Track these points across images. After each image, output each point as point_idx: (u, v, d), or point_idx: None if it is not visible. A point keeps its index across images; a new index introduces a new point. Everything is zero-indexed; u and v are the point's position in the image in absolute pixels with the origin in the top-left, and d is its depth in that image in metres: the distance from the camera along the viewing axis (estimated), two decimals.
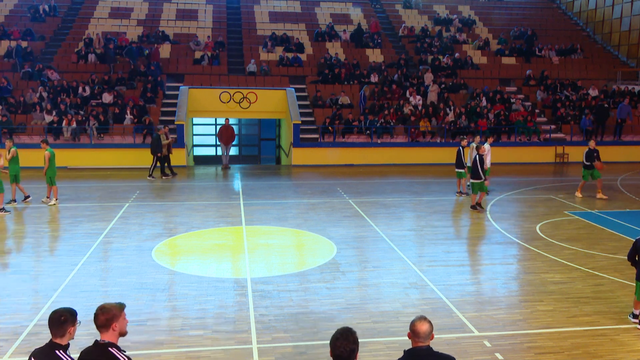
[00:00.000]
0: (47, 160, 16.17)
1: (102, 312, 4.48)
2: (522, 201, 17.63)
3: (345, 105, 26.21)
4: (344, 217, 15.17)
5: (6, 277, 10.49)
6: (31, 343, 7.85)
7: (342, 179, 21.12)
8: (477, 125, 25.44)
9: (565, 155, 25.95)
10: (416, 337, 4.51)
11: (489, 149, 17.93)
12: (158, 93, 25.84)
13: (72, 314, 4.53)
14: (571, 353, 7.79)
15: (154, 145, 20.77)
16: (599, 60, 32.92)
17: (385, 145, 24.98)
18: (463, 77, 29.09)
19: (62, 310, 4.52)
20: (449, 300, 9.53)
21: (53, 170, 16.29)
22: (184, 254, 12.28)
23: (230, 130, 24.12)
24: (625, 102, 27.01)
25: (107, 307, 4.52)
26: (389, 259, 11.69)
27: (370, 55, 30.37)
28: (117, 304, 4.61)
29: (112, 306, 4.54)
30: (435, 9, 36.02)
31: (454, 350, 7.67)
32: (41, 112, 23.54)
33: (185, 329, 8.36)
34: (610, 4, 34.78)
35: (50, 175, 16.24)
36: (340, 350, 4.14)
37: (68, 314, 4.51)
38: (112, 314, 4.48)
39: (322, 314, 8.91)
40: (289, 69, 28.54)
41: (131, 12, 32.29)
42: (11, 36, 28.09)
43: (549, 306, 9.34)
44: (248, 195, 17.98)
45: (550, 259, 11.80)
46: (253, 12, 33.51)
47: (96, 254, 11.89)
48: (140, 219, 14.81)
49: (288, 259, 11.82)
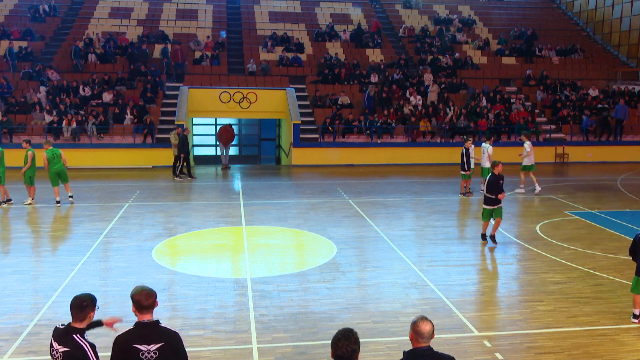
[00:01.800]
0: (30, 160, 16.08)
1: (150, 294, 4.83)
2: (522, 201, 17.63)
3: (345, 105, 26.22)
4: (344, 217, 15.17)
5: (6, 277, 10.48)
6: (31, 343, 7.86)
7: (342, 179, 21.12)
8: (477, 125, 25.44)
9: (565, 155, 25.95)
10: (420, 337, 4.51)
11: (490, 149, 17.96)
12: (158, 93, 25.85)
13: (93, 300, 4.85)
14: (571, 353, 7.79)
15: (181, 146, 20.70)
16: (599, 60, 32.92)
17: (385, 145, 24.98)
18: (463, 77, 29.10)
19: (84, 296, 4.84)
20: (449, 300, 9.53)
21: (33, 171, 16.21)
22: (184, 254, 12.28)
23: (231, 131, 24.16)
24: (621, 102, 27.07)
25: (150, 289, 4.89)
26: (389, 259, 11.69)
27: (370, 55, 30.37)
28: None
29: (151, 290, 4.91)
30: (435, 9, 36.02)
31: (454, 350, 7.67)
32: (41, 112, 23.54)
33: (185, 329, 8.36)
34: (610, 4, 34.78)
35: (30, 175, 16.14)
36: (342, 351, 4.15)
37: (89, 299, 4.82)
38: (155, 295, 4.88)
39: (322, 314, 8.91)
40: (289, 69, 28.54)
41: (131, 12, 32.29)
42: (11, 36, 28.09)
43: (549, 306, 9.34)
44: (248, 195, 17.98)
45: (550, 259, 11.80)
46: (253, 12, 33.51)
47: (96, 254, 11.89)
48: (140, 219, 14.81)
49: (288, 259, 11.83)
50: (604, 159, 26.38)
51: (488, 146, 17.88)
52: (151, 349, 4.62)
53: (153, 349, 4.62)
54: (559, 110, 27.47)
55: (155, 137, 23.80)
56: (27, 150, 16.22)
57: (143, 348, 4.61)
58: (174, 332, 4.81)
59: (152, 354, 4.62)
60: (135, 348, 4.61)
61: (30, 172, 16.15)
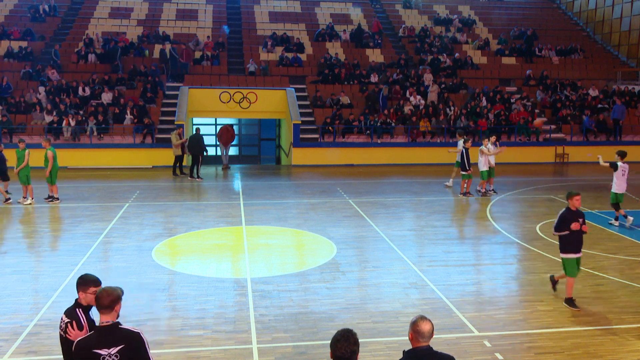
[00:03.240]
0: (28, 159, 16.14)
1: (107, 294, 4.72)
2: (522, 201, 17.62)
3: (345, 105, 26.22)
4: (344, 217, 15.17)
5: (6, 277, 10.48)
6: (31, 343, 7.86)
7: (342, 179, 21.12)
8: (477, 125, 25.44)
9: (565, 155, 25.95)
10: (420, 337, 4.50)
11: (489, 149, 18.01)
12: (158, 93, 25.85)
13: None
14: (571, 353, 7.79)
15: (195, 145, 20.66)
16: (599, 60, 32.92)
17: (385, 145, 24.99)
18: (463, 77, 29.10)
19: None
20: (449, 300, 9.53)
21: (28, 169, 16.25)
22: (184, 254, 12.28)
23: (231, 131, 24.15)
24: (617, 102, 27.08)
25: (111, 289, 4.79)
26: (389, 259, 11.69)
27: (370, 55, 30.38)
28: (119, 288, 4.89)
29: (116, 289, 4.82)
30: (435, 9, 36.03)
31: (454, 350, 7.66)
32: (41, 112, 23.54)
33: (185, 329, 8.36)
34: (610, 4, 34.78)
35: (26, 174, 16.19)
36: (341, 352, 4.14)
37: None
38: (116, 295, 4.76)
39: (322, 314, 8.91)
40: (289, 69, 28.54)
41: (131, 12, 32.30)
42: (11, 36, 28.09)
43: (549, 306, 9.34)
44: (248, 195, 17.98)
45: (550, 259, 11.80)
46: (253, 12, 33.51)
47: (96, 254, 11.89)
48: (140, 219, 14.81)
49: (288, 259, 11.82)
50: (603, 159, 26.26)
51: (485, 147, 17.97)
52: (112, 352, 4.54)
53: (114, 352, 4.54)
54: (559, 110, 27.48)
55: (155, 137, 23.80)
56: (23, 149, 16.26)
57: (103, 352, 4.52)
58: (136, 332, 4.68)
59: (113, 357, 4.53)
60: (96, 353, 4.52)
61: (27, 170, 16.20)
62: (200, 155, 20.79)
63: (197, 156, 20.80)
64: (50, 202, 16.49)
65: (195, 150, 20.73)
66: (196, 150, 20.72)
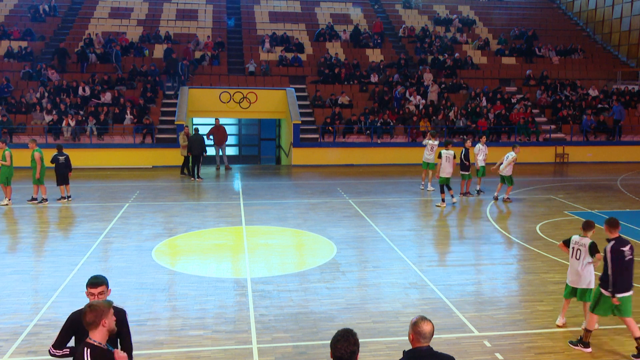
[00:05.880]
0: (9, 160, 16.06)
1: (90, 310, 4.48)
2: (522, 201, 17.62)
3: (345, 105, 26.22)
4: (344, 217, 15.17)
5: (6, 277, 10.48)
6: (31, 343, 7.86)
7: (342, 179, 21.12)
8: (477, 125, 25.44)
9: (565, 155, 25.95)
10: (421, 337, 4.50)
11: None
12: (158, 93, 25.84)
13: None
14: (571, 353, 7.79)
15: (197, 145, 20.66)
16: (599, 60, 32.92)
17: (385, 145, 24.98)
18: (463, 77, 29.09)
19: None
20: (449, 300, 9.53)
21: (11, 171, 16.19)
22: (184, 254, 12.28)
23: (222, 129, 23.62)
24: (615, 103, 27.08)
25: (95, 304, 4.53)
26: (389, 259, 11.69)
27: (370, 55, 30.37)
28: (105, 301, 4.63)
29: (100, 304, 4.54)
30: (435, 9, 36.03)
31: (454, 350, 7.67)
32: (41, 112, 23.54)
33: (185, 329, 8.36)
34: (610, 4, 34.78)
35: (7, 175, 16.10)
36: (341, 352, 4.14)
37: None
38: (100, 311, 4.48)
39: (322, 314, 8.91)
40: (289, 69, 28.54)
41: (131, 12, 32.29)
42: (11, 36, 28.09)
43: (549, 306, 9.34)
44: (248, 195, 17.98)
45: (550, 259, 11.80)
46: (253, 12, 33.51)
47: (96, 254, 11.90)
48: (140, 219, 14.81)
49: (288, 259, 11.82)
50: (603, 159, 26.39)
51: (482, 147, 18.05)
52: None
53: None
54: (559, 110, 27.48)
55: (155, 137, 23.79)
56: (4, 150, 16.13)
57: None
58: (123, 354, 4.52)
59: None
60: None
61: (9, 172, 16.09)
62: (200, 155, 20.78)
63: (197, 156, 20.79)
64: (37, 203, 16.38)
65: (196, 151, 20.73)
66: (197, 151, 20.71)
